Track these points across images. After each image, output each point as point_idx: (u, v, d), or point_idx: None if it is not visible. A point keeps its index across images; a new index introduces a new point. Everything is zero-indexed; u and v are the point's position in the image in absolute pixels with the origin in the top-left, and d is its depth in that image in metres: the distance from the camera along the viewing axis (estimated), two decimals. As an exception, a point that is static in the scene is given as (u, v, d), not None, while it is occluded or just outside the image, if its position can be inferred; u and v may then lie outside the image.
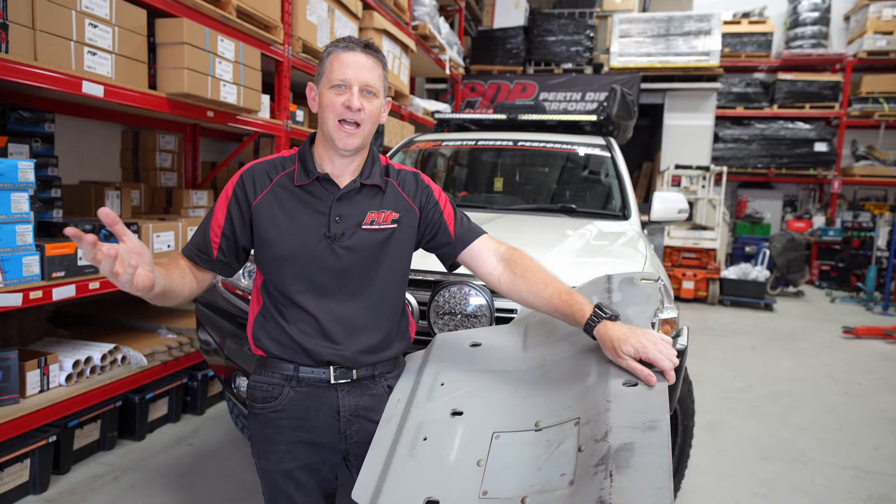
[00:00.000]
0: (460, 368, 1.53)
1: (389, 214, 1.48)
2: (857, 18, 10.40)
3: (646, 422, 1.14)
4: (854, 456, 3.42)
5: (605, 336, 1.32)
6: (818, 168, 10.34)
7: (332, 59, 1.40)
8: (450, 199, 1.62)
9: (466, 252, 1.57)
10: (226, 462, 3.03)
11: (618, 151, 3.51)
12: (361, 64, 1.39)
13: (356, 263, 1.44)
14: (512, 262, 1.52)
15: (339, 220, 1.43)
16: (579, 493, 1.06)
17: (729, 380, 4.77)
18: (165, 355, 3.30)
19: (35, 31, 2.37)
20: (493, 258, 1.55)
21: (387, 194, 1.50)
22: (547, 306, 1.45)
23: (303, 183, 1.44)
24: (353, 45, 1.40)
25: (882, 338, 6.39)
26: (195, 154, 4.50)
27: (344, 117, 1.38)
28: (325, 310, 1.43)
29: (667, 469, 1.04)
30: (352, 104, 1.37)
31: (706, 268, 8.15)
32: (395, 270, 1.52)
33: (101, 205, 3.33)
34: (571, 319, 1.41)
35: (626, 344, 1.27)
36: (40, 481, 2.64)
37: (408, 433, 1.34)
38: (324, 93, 1.41)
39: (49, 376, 2.71)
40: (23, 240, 2.38)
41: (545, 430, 1.26)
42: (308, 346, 1.42)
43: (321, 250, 1.42)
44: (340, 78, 1.38)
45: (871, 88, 10.02)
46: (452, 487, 1.18)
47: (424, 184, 1.58)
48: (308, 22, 4.23)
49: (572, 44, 9.78)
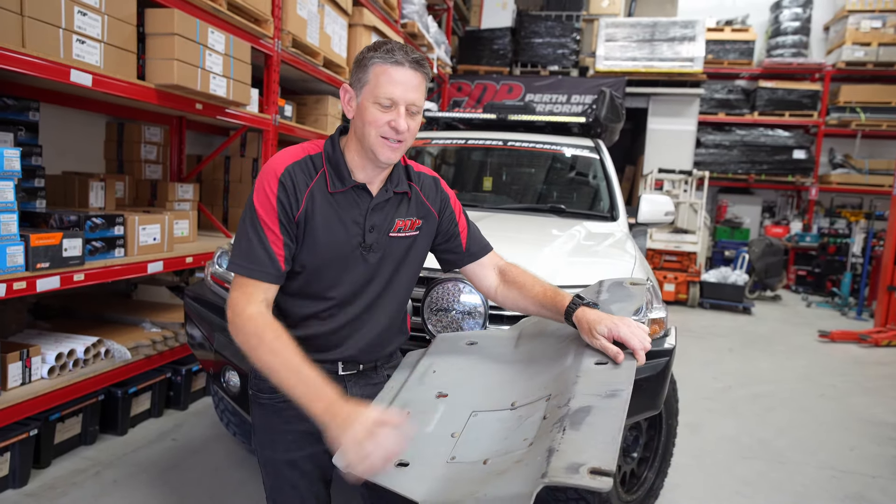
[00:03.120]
0: (453, 361, 1.59)
1: (415, 222, 1.50)
2: (836, 29, 10.62)
3: (608, 391, 1.21)
4: (831, 456, 3.50)
5: (581, 319, 1.39)
6: (796, 175, 10.53)
7: (379, 73, 1.33)
8: (463, 210, 1.65)
9: (474, 266, 1.62)
10: (210, 458, 3.01)
11: (606, 153, 3.55)
12: (410, 82, 1.33)
13: (382, 270, 1.45)
14: (505, 273, 1.60)
15: (373, 230, 1.42)
16: (533, 449, 1.12)
17: (709, 381, 4.84)
18: (150, 349, 3.26)
19: (23, 18, 2.33)
20: (493, 273, 1.62)
21: (412, 200, 1.50)
22: (535, 305, 1.53)
23: (337, 190, 1.40)
24: (401, 59, 1.32)
25: (856, 342, 6.54)
26: (181, 147, 4.45)
27: (388, 136, 1.34)
28: (343, 315, 1.44)
29: (618, 429, 1.09)
30: (399, 126, 1.32)
31: (687, 271, 8.26)
32: (412, 275, 1.55)
33: (85, 196, 3.28)
34: (555, 310, 1.47)
35: (601, 325, 1.34)
36: (20, 475, 2.60)
37: (393, 409, 1.38)
38: (367, 106, 1.34)
39: (31, 369, 2.67)
40: (7, 229, 2.34)
41: (519, 408, 1.33)
42: (320, 347, 1.43)
43: (354, 259, 1.41)
44: (388, 96, 1.32)
45: (848, 98, 10.24)
46: (424, 453, 1.23)
47: (443, 191, 1.59)
48: (298, 16, 4.20)
49: (559, 46, 9.84)
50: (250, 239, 1.34)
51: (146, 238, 3.10)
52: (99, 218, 2.82)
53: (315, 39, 4.46)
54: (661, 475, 2.67)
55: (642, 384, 2.07)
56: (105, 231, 2.86)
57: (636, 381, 2.08)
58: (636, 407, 2.12)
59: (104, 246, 2.85)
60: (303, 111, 4.93)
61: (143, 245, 3.08)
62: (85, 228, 2.74)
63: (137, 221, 3.04)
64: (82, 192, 3.28)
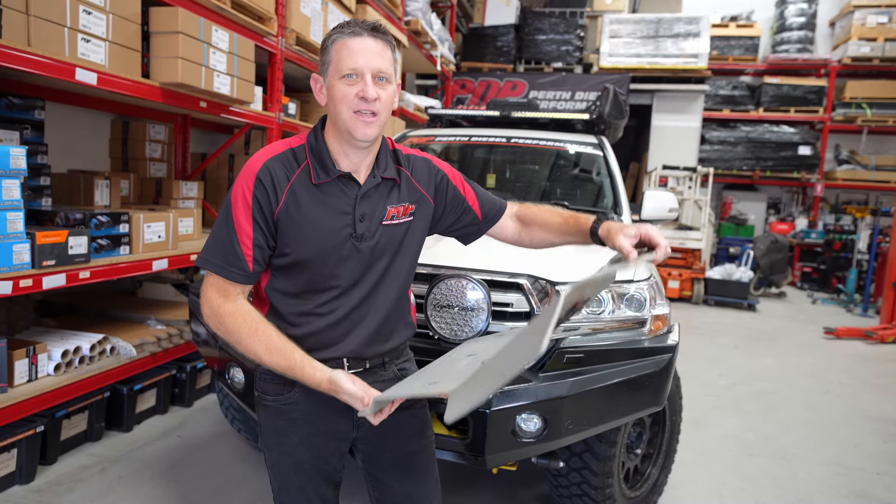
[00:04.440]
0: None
1: (408, 208, 1.47)
2: (842, 25, 10.56)
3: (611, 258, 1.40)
4: (835, 453, 3.49)
5: (608, 230, 1.42)
6: (802, 171, 10.49)
7: (339, 47, 1.31)
8: (465, 177, 1.62)
9: (494, 227, 1.64)
10: (214, 454, 3.02)
11: (610, 150, 3.54)
12: (371, 49, 1.31)
13: (377, 260, 1.43)
14: (523, 217, 1.63)
15: (363, 219, 1.39)
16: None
17: (713, 378, 4.84)
18: (155, 346, 3.28)
19: (29, 17, 2.34)
20: (512, 223, 1.64)
21: (402, 186, 1.47)
22: (559, 235, 1.57)
23: (322, 181, 1.37)
24: (359, 30, 1.31)
25: (862, 338, 6.52)
26: (185, 145, 4.46)
27: (359, 108, 1.30)
28: (341, 308, 1.41)
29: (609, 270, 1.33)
30: (367, 95, 1.29)
31: (691, 268, 8.24)
32: (410, 263, 1.52)
33: (91, 194, 3.30)
34: (580, 232, 1.51)
35: (629, 228, 1.38)
36: (27, 471, 2.62)
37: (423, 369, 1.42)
38: (334, 84, 1.32)
39: (37, 366, 2.69)
40: (13, 227, 2.35)
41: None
42: (322, 344, 1.41)
43: (346, 251, 1.38)
44: (351, 67, 1.29)
45: (854, 94, 10.19)
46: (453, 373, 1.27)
47: (437, 169, 1.55)
48: (302, 14, 4.21)
49: (562, 43, 9.83)
50: (222, 237, 1.34)
51: (151, 236, 3.12)
52: (104, 216, 2.84)
53: (318, 37, 4.47)
54: (664, 471, 2.68)
55: (645, 380, 2.08)
56: (110, 229, 2.87)
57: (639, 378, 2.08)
58: (639, 403, 2.13)
59: (109, 244, 2.87)
60: (307, 109, 4.94)
61: (147, 243, 3.09)
62: (90, 226, 2.75)
63: (142, 219, 3.05)
64: (87, 190, 3.29)
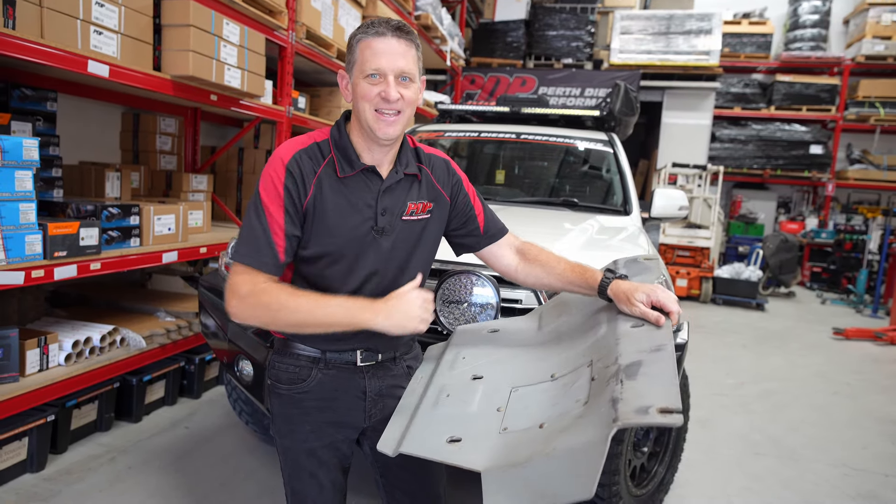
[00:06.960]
0: (480, 348, 1.59)
1: (426, 205, 1.49)
2: (856, 22, 10.45)
3: (652, 346, 1.25)
4: (843, 454, 3.48)
5: (618, 291, 1.43)
6: (813, 170, 10.40)
7: (363, 47, 1.35)
8: (476, 193, 1.64)
9: (491, 247, 1.62)
10: (222, 446, 3.04)
11: (620, 147, 3.53)
12: (395, 50, 1.33)
13: (396, 255, 1.45)
14: (524, 252, 1.62)
15: (385, 213, 1.42)
16: (592, 404, 1.14)
17: (721, 377, 4.82)
18: (164, 338, 3.30)
19: (42, 9, 2.36)
20: (511, 252, 1.63)
21: (422, 183, 1.50)
22: (561, 280, 1.55)
23: (347, 175, 1.40)
24: (383, 30, 1.34)
25: (871, 339, 6.47)
26: (195, 138, 4.48)
27: (381, 108, 1.34)
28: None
29: (674, 375, 1.13)
30: (389, 96, 1.33)
31: (700, 266, 8.20)
32: (427, 260, 1.54)
33: (102, 186, 3.32)
34: (586, 286, 1.51)
35: (638, 292, 1.39)
36: (38, 460, 2.65)
37: (431, 394, 1.39)
38: (358, 83, 1.36)
39: (48, 356, 2.71)
40: (26, 218, 2.37)
41: (561, 378, 1.34)
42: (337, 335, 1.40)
43: (368, 244, 1.41)
44: (374, 67, 1.33)
45: (867, 93, 10.09)
46: (473, 429, 1.24)
47: (455, 173, 1.59)
48: (312, 8, 4.21)
49: (573, 39, 9.78)
50: (254, 228, 1.35)
51: (161, 228, 3.14)
52: (115, 208, 2.85)
53: (329, 31, 4.47)
54: (671, 470, 2.67)
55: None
56: (121, 221, 2.89)
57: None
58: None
59: (120, 235, 2.89)
60: (316, 103, 4.94)
61: (157, 235, 3.11)
62: (101, 218, 2.77)
63: (153, 211, 3.07)
64: (98, 182, 3.31)
